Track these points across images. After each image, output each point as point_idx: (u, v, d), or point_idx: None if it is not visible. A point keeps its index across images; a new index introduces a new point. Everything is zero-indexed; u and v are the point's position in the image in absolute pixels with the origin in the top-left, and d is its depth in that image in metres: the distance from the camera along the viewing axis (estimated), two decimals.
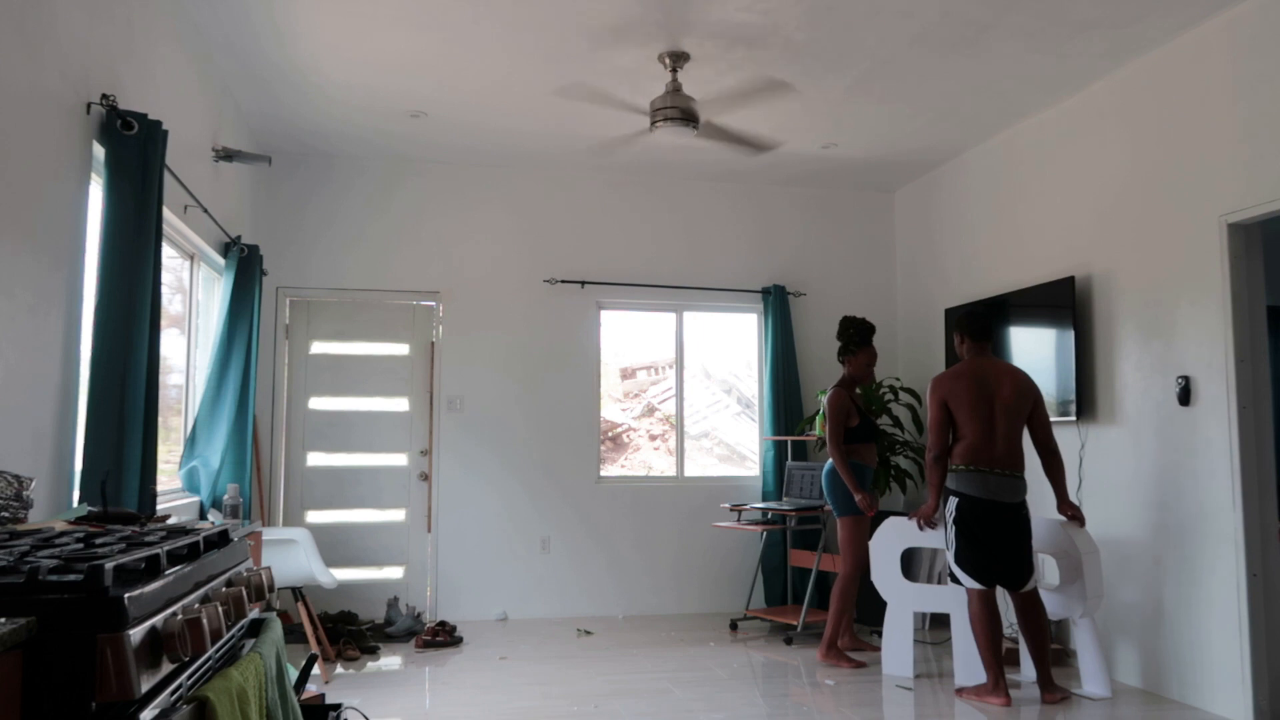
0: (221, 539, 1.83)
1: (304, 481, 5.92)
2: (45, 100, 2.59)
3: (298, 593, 4.72)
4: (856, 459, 4.85)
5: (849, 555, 4.84)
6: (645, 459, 6.72)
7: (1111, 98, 4.72)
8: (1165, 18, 4.08)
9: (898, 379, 6.45)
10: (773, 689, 4.40)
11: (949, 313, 5.92)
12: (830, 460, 4.86)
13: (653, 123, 4.51)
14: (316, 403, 5.97)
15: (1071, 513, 4.29)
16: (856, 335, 4.93)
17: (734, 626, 5.79)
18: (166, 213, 3.67)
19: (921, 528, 4.39)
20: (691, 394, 6.59)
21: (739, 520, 5.94)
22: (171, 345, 4.32)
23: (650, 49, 4.37)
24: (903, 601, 4.61)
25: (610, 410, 6.60)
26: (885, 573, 4.65)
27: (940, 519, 4.31)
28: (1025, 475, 4.23)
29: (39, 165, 2.56)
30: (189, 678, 1.49)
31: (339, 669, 4.75)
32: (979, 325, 4.34)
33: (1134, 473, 4.48)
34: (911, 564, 6.03)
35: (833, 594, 4.87)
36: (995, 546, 4.10)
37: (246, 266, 4.73)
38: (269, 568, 1.95)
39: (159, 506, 3.60)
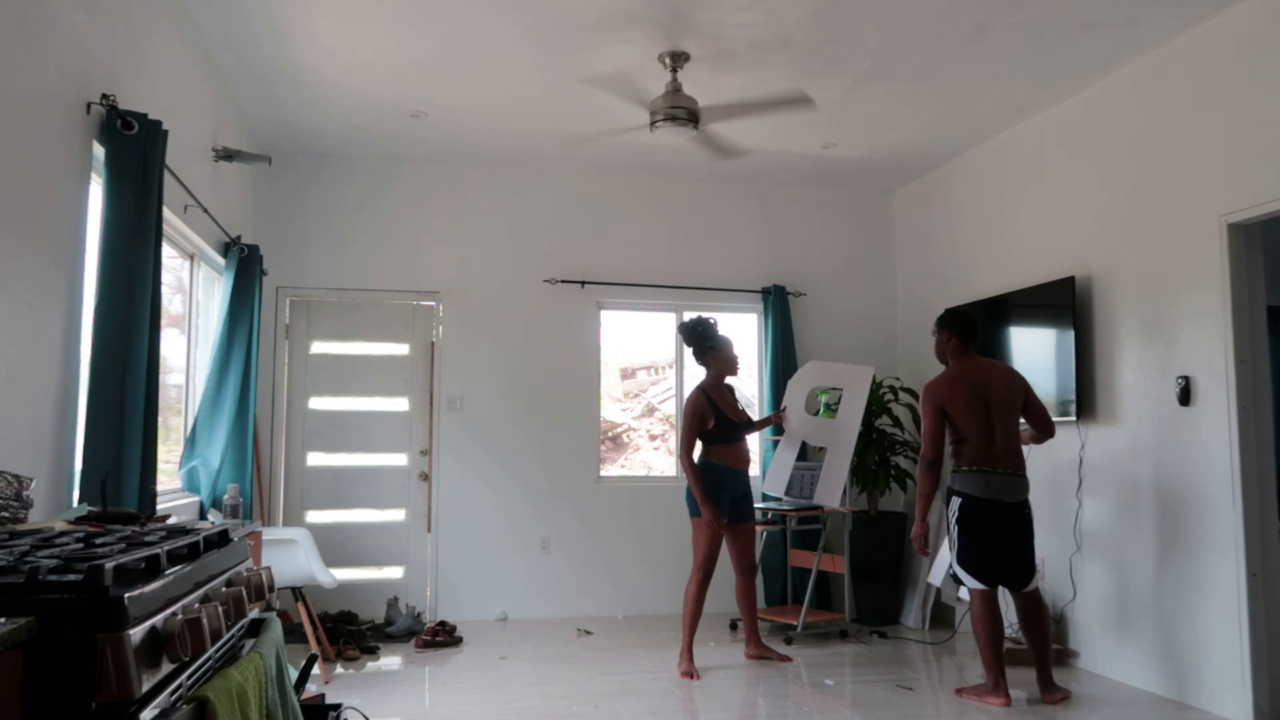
0: (221, 539, 1.83)
1: (304, 481, 5.92)
2: (45, 100, 2.59)
3: (298, 593, 4.72)
4: (717, 459, 4.71)
5: (695, 557, 4.68)
6: (645, 459, 6.72)
7: (1111, 98, 4.72)
8: (1165, 18, 4.08)
9: (898, 379, 6.45)
10: (773, 689, 4.40)
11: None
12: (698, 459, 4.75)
13: (653, 123, 4.51)
14: (316, 403, 5.97)
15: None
16: (707, 335, 4.84)
17: (734, 626, 5.79)
18: (166, 212, 3.67)
19: (924, 551, 4.27)
20: None
21: None
22: (171, 345, 4.32)
23: (650, 49, 4.37)
24: None
25: (610, 410, 6.60)
26: None
27: (942, 522, 4.31)
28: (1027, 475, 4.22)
29: (39, 165, 2.56)
30: (189, 678, 1.49)
31: (339, 669, 4.75)
32: (968, 327, 4.36)
33: (1134, 473, 4.48)
34: (912, 562, 6.03)
35: (684, 600, 4.76)
36: (998, 546, 4.11)
37: (246, 266, 4.73)
38: (269, 568, 1.95)
39: (159, 506, 3.60)
